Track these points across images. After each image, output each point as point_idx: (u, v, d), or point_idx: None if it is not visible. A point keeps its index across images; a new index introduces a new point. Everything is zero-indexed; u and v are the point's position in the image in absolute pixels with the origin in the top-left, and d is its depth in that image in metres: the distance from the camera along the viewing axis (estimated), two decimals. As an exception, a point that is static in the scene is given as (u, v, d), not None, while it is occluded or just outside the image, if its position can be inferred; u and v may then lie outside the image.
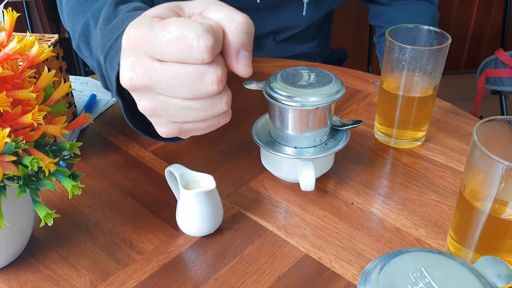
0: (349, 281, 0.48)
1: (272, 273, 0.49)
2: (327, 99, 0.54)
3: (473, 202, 0.45)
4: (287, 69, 0.58)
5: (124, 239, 0.53)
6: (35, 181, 0.43)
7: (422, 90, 0.63)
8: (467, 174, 0.46)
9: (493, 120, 0.45)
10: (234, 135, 0.70)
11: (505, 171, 0.41)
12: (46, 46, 0.47)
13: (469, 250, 0.47)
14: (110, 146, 0.68)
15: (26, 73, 0.44)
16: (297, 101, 0.53)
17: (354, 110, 0.76)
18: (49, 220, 0.42)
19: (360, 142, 0.69)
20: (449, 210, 0.57)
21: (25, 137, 0.42)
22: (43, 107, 0.45)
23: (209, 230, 0.53)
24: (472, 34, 2.20)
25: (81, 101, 0.76)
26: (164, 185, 0.58)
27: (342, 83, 0.56)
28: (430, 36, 0.64)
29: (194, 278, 0.49)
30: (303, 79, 0.56)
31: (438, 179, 0.62)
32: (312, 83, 0.55)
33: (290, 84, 0.55)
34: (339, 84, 0.56)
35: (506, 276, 0.33)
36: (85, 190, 0.60)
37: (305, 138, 0.57)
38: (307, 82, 0.55)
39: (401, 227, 0.54)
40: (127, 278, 0.49)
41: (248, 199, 0.59)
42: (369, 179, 0.62)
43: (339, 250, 0.52)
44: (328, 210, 0.57)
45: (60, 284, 0.48)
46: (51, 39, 0.64)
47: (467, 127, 0.71)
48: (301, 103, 0.53)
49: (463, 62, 2.28)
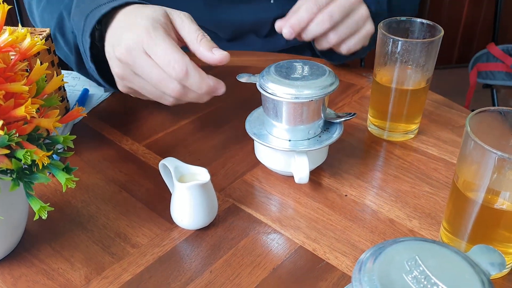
0: (344, 272, 0.48)
1: (267, 265, 0.49)
2: (321, 91, 0.54)
3: (466, 193, 0.46)
4: (281, 62, 0.58)
5: (118, 233, 0.53)
6: (28, 174, 0.42)
7: (415, 83, 0.64)
8: (460, 165, 0.46)
9: (485, 111, 0.45)
10: (228, 128, 0.70)
11: (497, 161, 0.41)
12: (38, 39, 0.47)
13: (462, 241, 0.48)
14: (103, 140, 0.68)
15: (18, 66, 0.44)
16: (290, 93, 0.53)
17: (348, 103, 0.76)
18: (43, 214, 0.42)
19: (353, 135, 0.69)
20: (442, 201, 0.57)
21: (18, 130, 0.42)
22: (36, 100, 0.44)
23: (204, 223, 0.53)
24: (464, 28, 2.21)
25: (74, 95, 0.76)
26: (158, 178, 0.58)
27: (335, 76, 0.56)
28: (422, 29, 0.64)
29: (189, 271, 0.49)
30: (296, 71, 0.56)
31: (431, 171, 0.62)
32: (306, 76, 0.55)
33: (284, 76, 0.55)
34: (332, 76, 0.56)
35: (499, 264, 0.33)
36: (79, 184, 0.59)
37: (299, 130, 0.57)
38: (300, 75, 0.55)
39: (394, 219, 0.55)
40: (122, 271, 0.49)
41: (242, 192, 0.59)
42: (363, 172, 0.62)
43: (333, 242, 0.52)
44: (322, 202, 0.57)
45: (54, 278, 0.48)
46: (43, 32, 0.63)
47: (459, 119, 0.72)
48: (294, 96, 0.53)
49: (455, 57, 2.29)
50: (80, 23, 0.61)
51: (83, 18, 0.60)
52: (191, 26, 0.57)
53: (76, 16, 0.62)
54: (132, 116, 0.72)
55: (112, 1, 0.59)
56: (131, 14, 0.58)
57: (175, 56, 0.53)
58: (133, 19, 0.57)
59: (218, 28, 0.91)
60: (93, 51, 0.61)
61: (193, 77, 0.54)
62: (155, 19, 0.55)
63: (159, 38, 0.54)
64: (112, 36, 0.58)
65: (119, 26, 0.58)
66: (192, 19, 0.58)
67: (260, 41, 0.95)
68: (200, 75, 0.54)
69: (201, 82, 0.54)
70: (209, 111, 0.74)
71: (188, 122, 0.71)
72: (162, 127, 0.70)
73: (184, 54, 0.54)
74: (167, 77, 0.54)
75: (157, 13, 0.56)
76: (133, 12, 0.58)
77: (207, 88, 0.55)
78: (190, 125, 0.71)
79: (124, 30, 0.56)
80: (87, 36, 0.59)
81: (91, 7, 0.60)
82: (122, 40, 0.55)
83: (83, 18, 0.60)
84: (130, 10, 0.58)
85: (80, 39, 0.61)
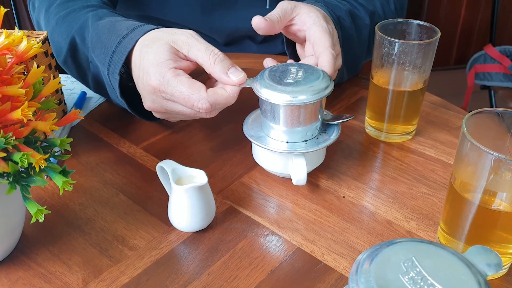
0: (341, 274, 0.48)
1: (265, 267, 0.49)
2: (314, 96, 0.53)
3: (463, 194, 0.46)
4: (276, 66, 0.58)
5: (116, 236, 0.53)
6: (25, 177, 0.42)
7: (412, 84, 0.64)
8: (457, 166, 0.46)
9: (482, 112, 0.45)
10: (225, 130, 0.70)
11: (494, 162, 0.41)
12: (35, 42, 0.47)
13: (459, 242, 0.48)
14: (101, 143, 0.68)
15: (14, 69, 0.44)
16: (285, 99, 0.53)
17: (345, 105, 0.76)
18: (40, 217, 0.42)
19: (351, 136, 0.69)
20: (440, 202, 0.57)
21: (15, 133, 0.42)
22: (32, 103, 0.44)
23: (202, 226, 0.53)
24: (462, 30, 2.22)
25: (71, 99, 0.76)
26: (155, 181, 0.58)
27: (330, 79, 0.56)
28: (419, 30, 0.64)
29: (186, 273, 0.49)
30: (290, 76, 0.56)
31: (428, 172, 0.62)
32: (299, 81, 0.55)
33: (277, 82, 0.55)
34: (327, 79, 0.56)
35: (495, 264, 0.33)
36: (76, 187, 0.59)
37: (297, 132, 0.57)
38: (294, 80, 0.55)
39: (392, 220, 0.55)
40: (119, 274, 0.49)
41: (240, 194, 0.59)
42: (360, 173, 0.62)
43: (331, 243, 0.52)
44: (320, 204, 0.57)
45: (52, 281, 0.48)
46: (40, 35, 0.63)
47: (456, 120, 0.72)
48: (289, 100, 0.53)
49: (452, 58, 2.30)
50: (105, 58, 0.61)
51: (108, 54, 0.60)
52: (200, 48, 0.56)
53: (98, 49, 0.62)
54: (129, 119, 0.72)
55: (132, 30, 0.60)
56: (140, 59, 0.57)
57: (194, 97, 0.54)
58: (144, 68, 0.57)
59: (214, 34, 0.92)
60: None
61: (219, 103, 0.55)
62: (160, 64, 0.55)
63: (172, 85, 0.54)
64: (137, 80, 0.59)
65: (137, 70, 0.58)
66: (198, 37, 0.57)
67: (256, 46, 0.95)
68: (224, 97, 0.55)
69: (227, 102, 0.56)
70: (206, 113, 0.74)
71: (186, 125, 0.71)
72: (160, 130, 0.70)
73: (200, 88, 0.54)
74: (197, 112, 0.56)
75: (160, 55, 0.55)
76: (140, 57, 0.57)
77: (234, 99, 0.56)
78: (188, 127, 0.71)
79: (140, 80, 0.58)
80: (116, 74, 0.60)
81: (114, 41, 0.60)
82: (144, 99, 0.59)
83: (108, 54, 0.60)
84: (138, 53, 0.58)
85: (106, 73, 0.61)
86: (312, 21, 0.62)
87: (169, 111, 0.58)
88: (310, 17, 0.63)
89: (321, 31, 0.61)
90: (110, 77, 0.61)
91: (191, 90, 0.54)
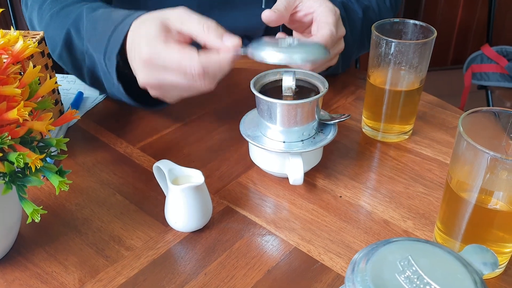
0: (338, 273, 0.48)
1: (262, 267, 0.49)
2: (309, 55, 0.54)
3: (459, 193, 0.46)
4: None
5: (112, 236, 0.53)
6: (21, 177, 0.42)
7: (408, 84, 0.64)
8: (453, 165, 0.46)
9: (478, 111, 0.45)
10: (222, 130, 0.70)
11: (490, 161, 0.41)
12: (31, 42, 0.46)
13: (456, 241, 0.48)
14: (97, 143, 0.68)
15: (10, 69, 0.44)
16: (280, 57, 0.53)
17: (342, 105, 0.76)
18: (36, 217, 0.42)
19: (348, 136, 0.69)
20: (436, 202, 0.57)
21: (11, 133, 0.41)
22: (28, 103, 0.44)
23: (198, 226, 0.53)
24: (458, 30, 2.22)
25: (68, 99, 0.76)
26: (152, 181, 0.58)
27: (326, 48, 0.56)
28: (416, 30, 0.65)
29: (183, 273, 0.48)
30: (286, 42, 0.55)
31: (425, 171, 0.62)
32: (295, 45, 0.55)
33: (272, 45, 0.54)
34: (323, 48, 0.56)
35: (491, 263, 0.33)
36: (73, 187, 0.59)
37: (293, 132, 0.57)
38: (289, 45, 0.55)
39: (389, 219, 0.55)
40: (116, 274, 0.48)
41: (237, 194, 0.59)
42: (357, 173, 0.62)
43: (328, 243, 0.52)
44: (316, 203, 0.57)
45: (48, 281, 0.48)
46: (37, 36, 0.63)
47: (453, 120, 0.72)
48: (284, 60, 0.53)
49: (449, 58, 2.30)
50: (101, 45, 0.61)
51: (105, 41, 0.61)
52: (192, 20, 0.55)
53: (94, 38, 0.63)
54: (126, 119, 0.72)
55: (127, 17, 0.60)
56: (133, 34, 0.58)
57: (185, 61, 0.53)
58: (135, 41, 0.57)
59: None
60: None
61: (212, 67, 0.53)
62: (151, 37, 0.55)
63: (162, 53, 0.54)
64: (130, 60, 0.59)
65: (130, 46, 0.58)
66: (190, 12, 0.56)
67: None
68: (217, 60, 0.53)
69: (221, 67, 0.54)
70: (203, 113, 0.74)
71: (182, 125, 0.71)
72: (156, 130, 0.70)
73: (191, 51, 0.53)
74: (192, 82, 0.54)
75: (151, 31, 0.55)
76: (133, 33, 0.58)
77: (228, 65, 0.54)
78: (184, 127, 0.71)
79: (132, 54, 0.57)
80: (113, 58, 0.60)
81: (109, 28, 0.60)
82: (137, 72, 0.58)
83: (105, 41, 0.61)
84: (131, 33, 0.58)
85: (102, 60, 0.62)
86: (319, 3, 0.64)
87: (164, 84, 0.56)
88: (316, 0, 0.64)
89: (326, 10, 0.63)
90: (107, 62, 0.61)
91: (182, 54, 0.53)
